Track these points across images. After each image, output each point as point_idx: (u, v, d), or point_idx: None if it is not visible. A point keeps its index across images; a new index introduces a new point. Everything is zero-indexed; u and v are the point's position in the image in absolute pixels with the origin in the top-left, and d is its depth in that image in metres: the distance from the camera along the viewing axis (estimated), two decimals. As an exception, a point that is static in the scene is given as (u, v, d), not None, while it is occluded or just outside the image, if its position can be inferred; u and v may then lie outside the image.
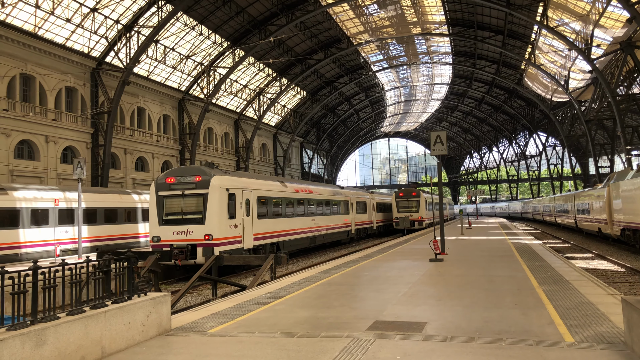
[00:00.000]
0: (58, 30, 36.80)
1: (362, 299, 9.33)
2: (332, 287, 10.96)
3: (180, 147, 51.14)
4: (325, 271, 13.75)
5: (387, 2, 50.06)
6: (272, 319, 7.86)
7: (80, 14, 36.90)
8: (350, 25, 55.60)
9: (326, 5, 47.93)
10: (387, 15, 52.71)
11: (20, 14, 33.95)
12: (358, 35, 58.05)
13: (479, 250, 18.60)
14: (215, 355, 5.94)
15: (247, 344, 6.40)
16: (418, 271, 12.99)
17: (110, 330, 6.19)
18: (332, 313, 8.13)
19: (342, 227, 31.47)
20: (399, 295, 9.46)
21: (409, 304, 8.58)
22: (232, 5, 45.07)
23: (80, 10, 36.60)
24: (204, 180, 18.22)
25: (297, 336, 6.67)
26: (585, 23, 39.68)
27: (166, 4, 40.66)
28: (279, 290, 10.83)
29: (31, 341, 5.14)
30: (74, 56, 38.47)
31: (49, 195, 22.80)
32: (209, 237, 17.80)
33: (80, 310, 5.94)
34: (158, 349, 6.35)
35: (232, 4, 44.96)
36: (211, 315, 8.36)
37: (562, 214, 41.81)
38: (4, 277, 5.11)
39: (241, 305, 9.17)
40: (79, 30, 37.66)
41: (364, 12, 52.70)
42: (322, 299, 9.52)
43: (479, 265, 13.88)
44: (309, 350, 5.95)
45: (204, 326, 7.56)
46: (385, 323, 7.19)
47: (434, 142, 16.65)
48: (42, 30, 35.81)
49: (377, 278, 11.93)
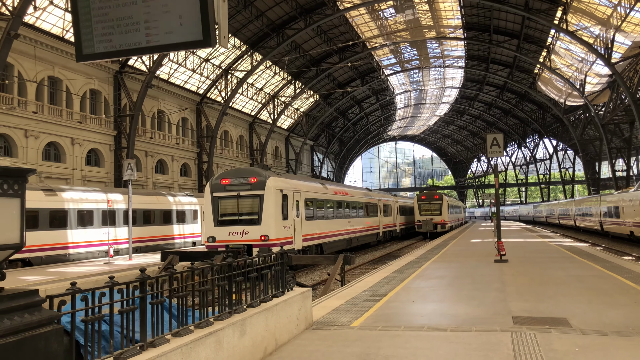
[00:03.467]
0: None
1: (471, 296, 9.51)
2: (425, 285, 11.14)
3: (198, 149, 51.28)
4: (397, 271, 13.92)
5: (404, 7, 50.39)
6: (401, 314, 8.04)
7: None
8: (365, 29, 55.91)
9: (344, 10, 48.22)
10: (403, 19, 53.05)
11: (49, 18, 34.13)
12: (373, 39, 58.38)
13: (529, 252, 18.80)
14: (388, 347, 6.11)
15: (406, 337, 6.57)
16: (494, 271, 13.18)
17: (278, 322, 6.36)
18: (457, 309, 8.30)
19: (372, 229, 31.66)
20: (504, 294, 9.64)
21: (526, 301, 8.77)
22: (253, 9, 45.30)
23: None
24: (259, 182, 18.38)
25: (449, 329, 6.85)
26: (606, 27, 40.05)
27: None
28: (371, 288, 11.00)
29: (238, 331, 5.32)
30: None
31: (93, 197, 22.91)
32: (265, 238, 17.96)
33: (257, 304, 6.11)
34: (319, 340, 6.52)
35: (252, 8, 45.19)
36: (333, 311, 8.53)
37: (583, 217, 42.06)
38: (214, 269, 5.29)
39: (351, 302, 9.33)
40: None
41: (379, 15, 53.03)
42: (429, 295, 9.69)
43: (549, 266, 14.08)
44: (479, 342, 6.13)
45: (339, 321, 7.73)
46: (526, 319, 7.38)
47: (490, 144, 16.85)
48: (69, 34, 35.98)
49: (460, 277, 12.11)
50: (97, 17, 3.47)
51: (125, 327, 4.03)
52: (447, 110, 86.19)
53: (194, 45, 3.38)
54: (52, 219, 20.57)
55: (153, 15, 3.35)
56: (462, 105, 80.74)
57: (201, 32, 3.32)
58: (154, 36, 3.38)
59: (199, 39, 3.33)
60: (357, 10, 50.03)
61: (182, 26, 3.32)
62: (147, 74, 39.74)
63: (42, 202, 20.22)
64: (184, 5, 3.32)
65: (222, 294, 5.45)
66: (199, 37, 3.32)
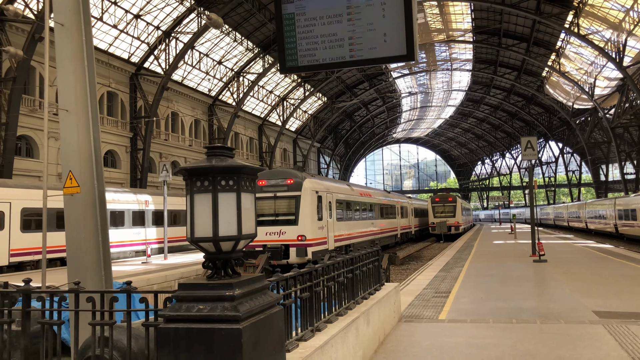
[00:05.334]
0: (102, 36, 37.28)
1: (536, 293, 9.85)
2: (481, 283, 11.47)
3: (210, 151, 51.51)
4: (443, 270, 14.25)
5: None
6: (479, 309, 8.37)
7: (125, 21, 37.42)
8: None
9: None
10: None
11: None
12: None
13: (561, 252, 19.17)
14: (489, 337, 6.44)
15: (501, 329, 6.90)
16: (540, 270, 13.53)
17: (385, 314, 6.70)
18: (531, 304, 8.64)
19: (392, 230, 32.00)
20: (567, 291, 9.99)
21: (594, 298, 9.12)
22: (266, 12, 45.68)
23: (124, 17, 37.13)
24: (296, 183, 18.69)
25: (539, 322, 7.18)
26: (618, 31, 40.52)
27: (204, 10, 41.25)
28: (429, 286, 11.33)
29: (365, 320, 5.66)
30: (115, 61, 38.91)
31: (124, 197, 23.19)
32: (302, 238, 18.26)
33: (367, 297, 6.44)
34: (420, 331, 6.85)
35: (266, 11, 45.58)
36: (409, 306, 8.88)
37: (595, 220, 42.46)
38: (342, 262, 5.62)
39: (421, 298, 9.66)
40: (120, 36, 38.19)
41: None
42: (493, 292, 10.03)
43: (591, 265, 14.44)
44: (577, 334, 6.46)
45: (423, 314, 8.06)
46: (608, 313, 7.73)
47: (524, 147, 17.24)
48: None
49: (512, 276, 12.45)
50: (302, 34, 3.80)
51: (298, 313, 4.36)
52: (452, 113, 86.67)
53: (398, 59, 3.72)
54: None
55: (358, 33, 3.68)
56: (467, 108, 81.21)
57: (405, 47, 3.65)
58: (358, 51, 3.71)
59: (403, 54, 3.67)
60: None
61: (387, 42, 3.65)
62: (163, 77, 40.09)
63: (78, 203, 20.48)
64: (390, 24, 3.65)
65: (346, 286, 5.77)
66: (403, 52, 3.66)
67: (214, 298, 3.18)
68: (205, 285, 3.25)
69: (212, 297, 3.19)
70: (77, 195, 5.06)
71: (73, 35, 5.21)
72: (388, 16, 3.63)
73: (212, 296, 3.19)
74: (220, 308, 3.13)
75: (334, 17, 3.73)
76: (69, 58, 5.25)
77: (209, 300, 3.19)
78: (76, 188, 4.99)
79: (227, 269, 3.40)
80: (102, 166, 5.41)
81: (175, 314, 3.17)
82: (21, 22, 30.67)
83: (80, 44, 5.28)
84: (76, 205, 5.14)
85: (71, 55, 5.26)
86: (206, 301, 3.19)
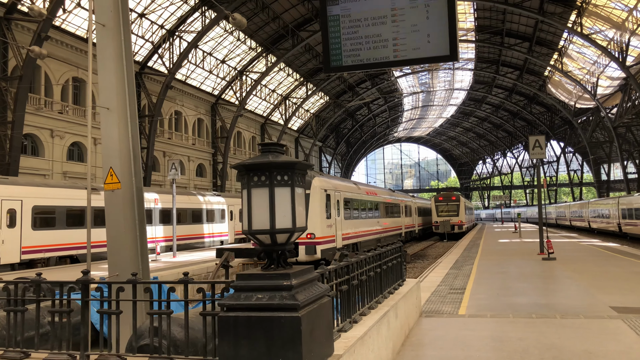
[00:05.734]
0: (107, 35, 37.34)
1: (550, 289, 9.98)
2: (495, 280, 11.60)
3: (213, 150, 51.69)
4: (454, 268, 14.38)
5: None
6: (497, 305, 8.50)
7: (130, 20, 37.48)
8: (378, 31, 56.44)
9: (360, 12, 48.74)
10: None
11: (75, 20, 34.52)
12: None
13: (569, 251, 19.32)
14: (512, 331, 6.57)
15: (522, 323, 7.03)
16: (551, 267, 13.67)
17: (408, 309, 6.83)
18: (548, 300, 8.78)
19: (396, 229, 32.13)
20: (581, 287, 10.13)
21: (609, 294, 9.26)
22: (270, 11, 45.81)
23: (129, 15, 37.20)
24: (305, 181, 18.78)
25: (558, 317, 7.31)
26: (621, 31, 40.66)
27: (208, 9, 41.41)
28: (443, 283, 11.46)
29: (394, 313, 5.79)
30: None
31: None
32: (311, 236, 18.38)
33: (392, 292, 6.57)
34: (442, 326, 6.98)
35: (269, 11, 45.69)
36: (426, 302, 8.98)
37: (598, 219, 42.65)
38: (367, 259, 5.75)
39: (437, 294, 9.79)
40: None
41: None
42: (508, 289, 10.16)
43: (601, 263, 14.58)
44: (598, 328, 6.60)
45: (442, 310, 8.20)
46: (625, 308, 7.87)
47: (532, 146, 17.36)
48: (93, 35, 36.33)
49: (524, 273, 12.59)
50: (347, 35, 3.94)
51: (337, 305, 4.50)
52: (453, 112, 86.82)
53: (441, 59, 3.86)
54: (96, 216, 20.94)
55: (402, 34, 3.82)
56: (469, 107, 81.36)
57: (448, 48, 3.79)
58: (402, 51, 3.85)
59: (446, 54, 3.81)
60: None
61: (430, 43, 3.79)
62: (167, 75, 40.20)
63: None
64: (434, 26, 3.78)
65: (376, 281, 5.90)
66: (446, 52, 3.79)
67: (271, 287, 3.31)
68: (263, 276, 3.38)
69: (269, 287, 3.31)
70: (117, 191, 5.19)
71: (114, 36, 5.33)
72: (432, 18, 3.76)
73: (269, 286, 3.31)
74: (279, 297, 3.26)
75: (378, 18, 3.86)
76: (110, 57, 5.38)
77: (267, 289, 3.31)
78: (117, 184, 5.11)
79: (281, 260, 3.52)
80: (140, 163, 5.54)
81: (235, 302, 3.30)
82: (27, 21, 30.77)
83: (119, 44, 5.39)
84: (116, 201, 5.26)
85: (113, 55, 5.38)
86: (264, 290, 3.31)
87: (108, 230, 5.44)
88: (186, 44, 41.33)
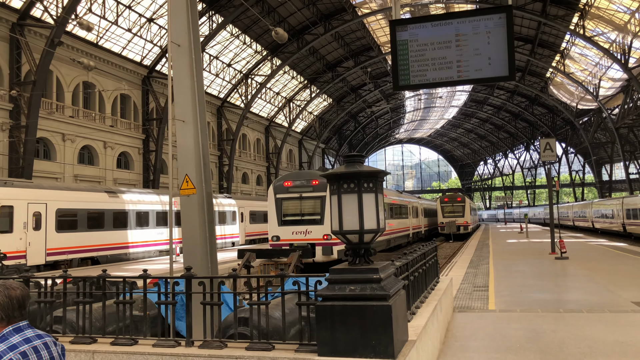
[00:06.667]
0: (116, 40, 37.87)
1: (570, 287, 10.46)
2: (515, 278, 12.07)
3: (219, 152, 52.15)
4: (471, 267, 14.86)
5: (422, 12, 51.47)
6: (523, 300, 8.98)
7: (139, 24, 38.02)
8: (381, 34, 57.00)
9: (362, 15, 49.33)
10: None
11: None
12: (388, 44, 59.40)
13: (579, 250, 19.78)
14: (545, 323, 7.05)
15: (552, 318, 7.51)
16: (566, 266, 14.15)
17: (446, 304, 7.30)
18: (570, 297, 9.26)
19: (404, 230, 32.60)
20: (600, 285, 10.60)
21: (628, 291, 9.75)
22: (275, 15, 46.33)
23: (138, 20, 37.74)
24: (321, 184, 19.29)
25: (585, 311, 7.79)
26: (623, 33, 41.20)
27: (215, 14, 41.98)
28: (465, 281, 11.93)
29: (439, 307, 6.26)
30: (128, 64, 39.50)
31: (149, 198, 23.76)
32: (328, 237, 18.86)
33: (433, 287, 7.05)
34: (477, 320, 7.45)
35: (275, 14, 46.21)
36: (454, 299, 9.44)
37: (601, 219, 43.18)
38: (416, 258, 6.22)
39: (463, 291, 10.26)
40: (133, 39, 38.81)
41: (397, 21, 54.07)
42: (529, 286, 10.63)
43: (613, 262, 15.07)
44: (626, 321, 7.07)
45: (472, 306, 8.66)
46: (646, 302, 8.34)
47: (544, 148, 17.84)
48: (102, 40, 36.87)
49: (541, 272, 13.07)
50: (414, 57, 4.44)
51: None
52: (455, 114, 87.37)
53: (501, 79, 4.37)
54: (115, 219, 21.41)
55: (465, 57, 4.32)
56: (470, 108, 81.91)
57: (507, 69, 4.29)
58: (465, 72, 4.35)
59: (505, 75, 4.31)
60: (374, 15, 51.14)
61: (491, 65, 4.29)
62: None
63: (106, 204, 21.07)
64: (494, 50, 4.29)
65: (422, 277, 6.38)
66: (505, 73, 4.30)
67: (362, 280, 3.78)
68: (353, 270, 3.86)
69: (361, 280, 3.79)
70: (192, 196, 5.66)
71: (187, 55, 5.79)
72: (492, 43, 4.25)
73: (360, 279, 3.79)
74: (370, 288, 3.73)
75: (443, 43, 4.36)
76: (184, 75, 5.85)
77: (358, 282, 3.79)
78: (192, 189, 5.58)
79: (367, 256, 4.00)
80: (209, 170, 6.00)
81: (331, 293, 3.78)
82: (40, 27, 31.26)
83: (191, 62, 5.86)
84: (192, 205, 5.73)
85: (187, 72, 5.85)
86: (356, 283, 3.79)
87: (184, 231, 5.90)
88: (194, 48, 41.79)
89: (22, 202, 17.27)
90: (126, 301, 4.45)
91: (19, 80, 30.08)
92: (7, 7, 29.44)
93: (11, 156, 29.45)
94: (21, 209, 17.19)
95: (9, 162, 29.56)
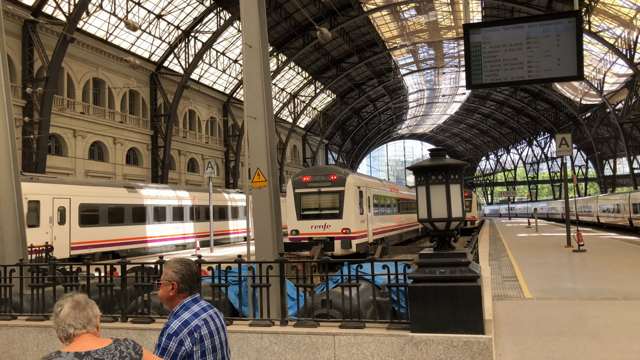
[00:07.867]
0: (125, 36, 38.05)
1: (597, 277, 10.79)
2: (539, 270, 12.40)
3: (225, 148, 52.41)
4: (491, 259, 15.18)
5: (426, 8, 51.68)
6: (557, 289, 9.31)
7: (148, 21, 38.19)
8: (385, 29, 57.19)
9: (369, 11, 49.53)
10: (424, 20, 54.34)
11: (95, 21, 35.19)
12: (392, 39, 59.63)
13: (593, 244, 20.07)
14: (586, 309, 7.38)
15: (591, 305, 7.84)
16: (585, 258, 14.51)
17: (487, 291, 7.62)
18: (601, 286, 9.59)
19: (414, 225, 32.91)
20: (624, 275, 10.94)
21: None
22: (282, 11, 46.53)
23: (147, 17, 37.91)
24: (339, 179, 19.60)
25: (621, 299, 8.12)
26: (629, 29, 41.48)
27: (222, 10, 42.17)
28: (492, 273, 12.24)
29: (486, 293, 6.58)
30: (136, 60, 39.62)
31: (165, 194, 24.06)
32: (347, 231, 19.18)
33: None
34: (518, 307, 7.77)
35: (281, 10, 46.42)
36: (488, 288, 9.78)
37: (607, 214, 43.60)
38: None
39: (492, 282, 10.59)
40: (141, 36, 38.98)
41: (400, 17, 54.30)
42: (557, 277, 10.97)
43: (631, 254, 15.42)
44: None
45: (508, 295, 8.99)
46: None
47: (559, 143, 18.14)
48: (111, 37, 37.05)
49: (562, 264, 13.41)
50: (487, 58, 4.75)
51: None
52: (457, 109, 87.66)
53: (569, 79, 4.68)
54: (134, 214, 21.71)
55: (535, 58, 4.62)
56: (473, 104, 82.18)
57: (576, 70, 4.60)
58: (535, 72, 4.65)
59: (574, 75, 4.62)
60: (380, 11, 51.33)
61: (560, 66, 4.59)
62: (182, 75, 40.94)
63: (126, 199, 21.37)
64: (563, 52, 4.59)
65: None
66: (574, 73, 4.61)
67: (452, 264, 4.10)
68: (442, 254, 4.17)
69: (450, 263, 4.10)
70: (263, 188, 5.96)
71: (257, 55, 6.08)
72: (562, 45, 4.55)
73: (449, 262, 4.11)
74: (459, 271, 4.05)
75: (515, 45, 4.66)
76: (255, 74, 6.14)
77: (447, 265, 4.10)
78: (264, 182, 5.87)
79: (451, 242, 4.32)
80: (276, 164, 6.30)
81: (423, 276, 4.09)
82: (52, 24, 31.42)
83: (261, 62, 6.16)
84: (262, 197, 6.04)
85: (259, 71, 6.14)
86: (445, 266, 4.10)
87: (255, 222, 6.21)
88: (201, 45, 42.05)
89: (48, 197, 17.56)
90: (222, 285, 4.76)
91: (32, 77, 30.27)
92: (20, 4, 29.61)
93: (25, 151, 29.70)
94: (47, 203, 17.48)
95: (22, 157, 29.79)
